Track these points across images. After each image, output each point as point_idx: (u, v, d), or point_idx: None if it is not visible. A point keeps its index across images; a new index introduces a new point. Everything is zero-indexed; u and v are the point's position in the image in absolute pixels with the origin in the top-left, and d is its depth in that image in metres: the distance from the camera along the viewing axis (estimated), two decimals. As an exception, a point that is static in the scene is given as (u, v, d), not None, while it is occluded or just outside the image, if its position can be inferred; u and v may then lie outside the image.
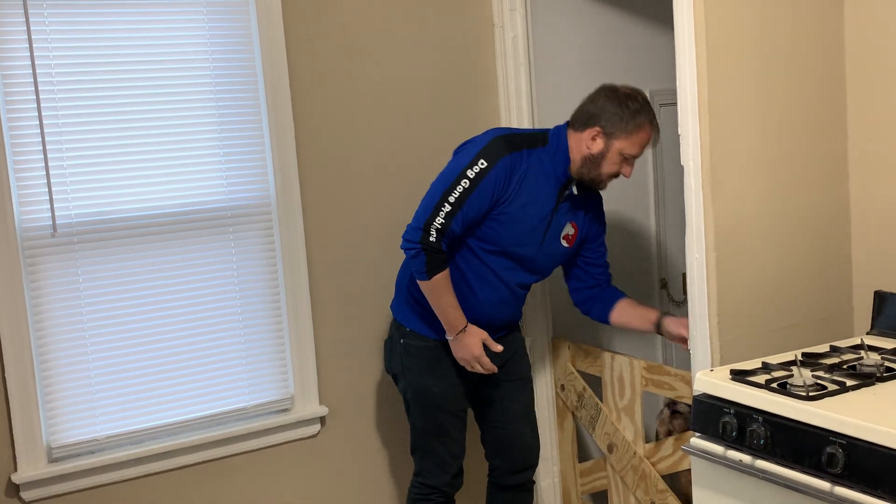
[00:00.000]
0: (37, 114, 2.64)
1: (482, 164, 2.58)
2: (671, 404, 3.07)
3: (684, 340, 2.60)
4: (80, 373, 2.75)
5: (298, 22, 2.98)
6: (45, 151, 2.65)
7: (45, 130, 2.65)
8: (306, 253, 3.02)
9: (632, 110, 2.62)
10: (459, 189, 2.57)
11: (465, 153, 2.64)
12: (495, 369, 2.73)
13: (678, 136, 2.43)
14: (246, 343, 2.98)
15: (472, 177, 2.58)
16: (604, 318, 2.91)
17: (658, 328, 2.76)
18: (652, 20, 3.68)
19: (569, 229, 2.78)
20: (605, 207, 3.62)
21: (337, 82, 3.07)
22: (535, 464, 2.99)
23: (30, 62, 2.62)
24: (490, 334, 2.73)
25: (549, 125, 3.42)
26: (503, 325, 2.83)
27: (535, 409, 3.33)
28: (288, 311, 3.01)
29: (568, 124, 2.74)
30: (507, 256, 2.71)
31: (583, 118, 2.68)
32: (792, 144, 2.53)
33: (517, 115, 3.26)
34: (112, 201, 2.76)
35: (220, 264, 2.93)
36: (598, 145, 2.63)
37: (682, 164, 2.42)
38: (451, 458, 2.83)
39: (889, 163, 2.53)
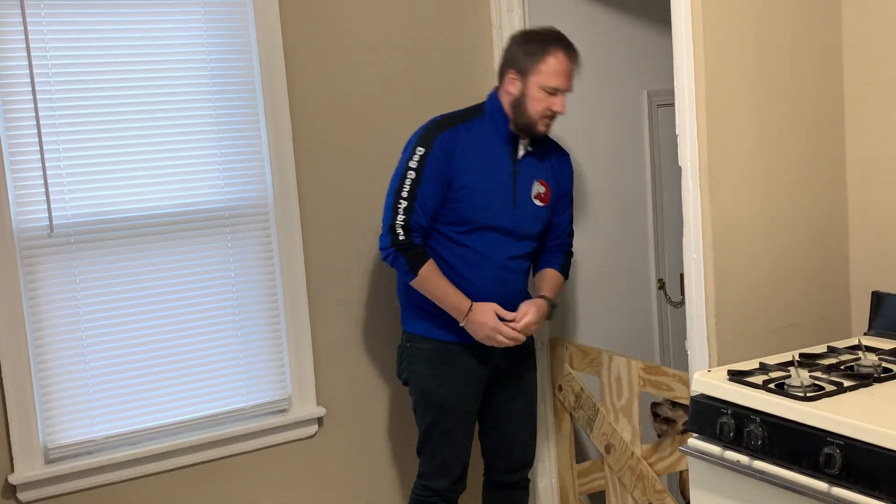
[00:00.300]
0: (34, 114, 2.63)
1: (420, 151, 2.65)
2: (652, 406, 3.05)
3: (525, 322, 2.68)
4: (77, 373, 2.75)
5: (296, 22, 2.98)
6: (41, 151, 2.65)
7: (42, 130, 2.65)
8: (304, 253, 3.02)
9: (538, 42, 2.65)
10: (408, 183, 2.64)
11: (407, 149, 2.71)
12: (522, 338, 2.70)
13: (676, 136, 2.43)
14: (243, 343, 2.98)
15: (415, 167, 2.64)
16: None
17: None
18: (650, 21, 3.68)
19: (538, 188, 2.78)
20: (601, 205, 3.63)
21: (335, 82, 3.06)
22: (531, 462, 3.00)
23: (27, 62, 2.61)
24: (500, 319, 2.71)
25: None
26: (512, 307, 2.77)
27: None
28: (285, 312, 3.01)
29: (497, 87, 2.77)
30: (485, 230, 2.70)
31: (500, 69, 2.74)
32: (790, 145, 2.53)
33: (515, 115, 3.25)
34: (109, 201, 2.76)
35: (217, 265, 2.93)
36: (517, 86, 2.66)
37: (679, 164, 2.43)
38: (453, 462, 2.82)
39: (887, 164, 2.53)
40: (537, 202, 2.78)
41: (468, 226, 2.69)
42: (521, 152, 2.75)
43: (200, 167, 2.89)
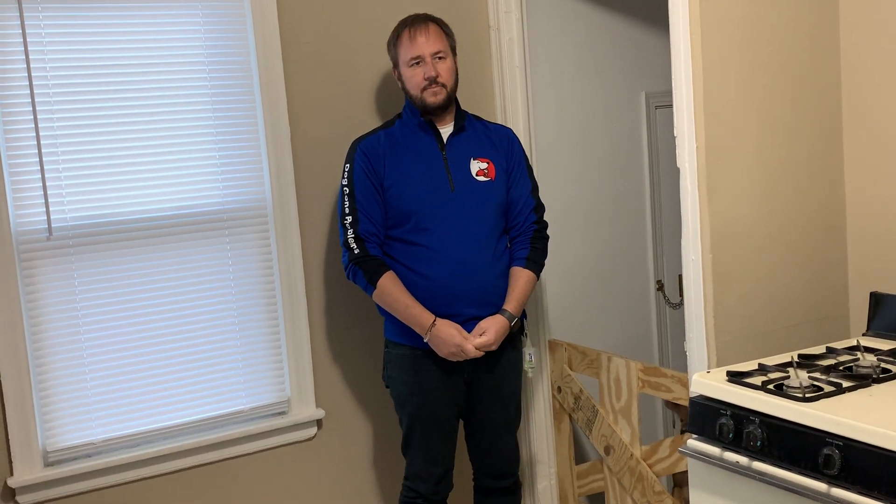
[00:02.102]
0: (32, 116, 2.63)
1: (347, 167, 2.77)
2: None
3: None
4: (76, 376, 2.74)
5: (294, 24, 2.98)
6: (40, 154, 2.65)
7: (41, 133, 2.64)
8: (302, 256, 3.02)
9: (392, 34, 2.81)
10: (347, 200, 2.72)
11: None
12: (480, 353, 2.67)
13: (674, 137, 2.43)
14: (242, 346, 2.98)
15: (346, 183, 2.74)
16: None
17: None
18: (647, 22, 3.69)
19: (479, 165, 2.78)
20: (599, 207, 3.64)
21: (333, 85, 3.07)
22: (515, 471, 2.95)
23: (25, 65, 2.61)
24: (475, 315, 2.69)
25: (544, 127, 3.45)
26: (483, 299, 2.72)
27: (532, 412, 3.34)
28: (284, 314, 3.01)
29: None
30: (425, 218, 2.69)
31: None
32: (787, 146, 2.53)
33: (512, 116, 3.26)
34: (107, 204, 2.76)
35: (216, 267, 2.93)
36: (398, 76, 2.81)
37: (677, 165, 2.43)
38: (432, 467, 2.81)
39: (884, 164, 2.54)
40: (481, 178, 2.77)
41: (414, 221, 2.69)
42: (445, 136, 2.78)
43: (199, 170, 2.88)
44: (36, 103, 2.63)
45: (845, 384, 1.95)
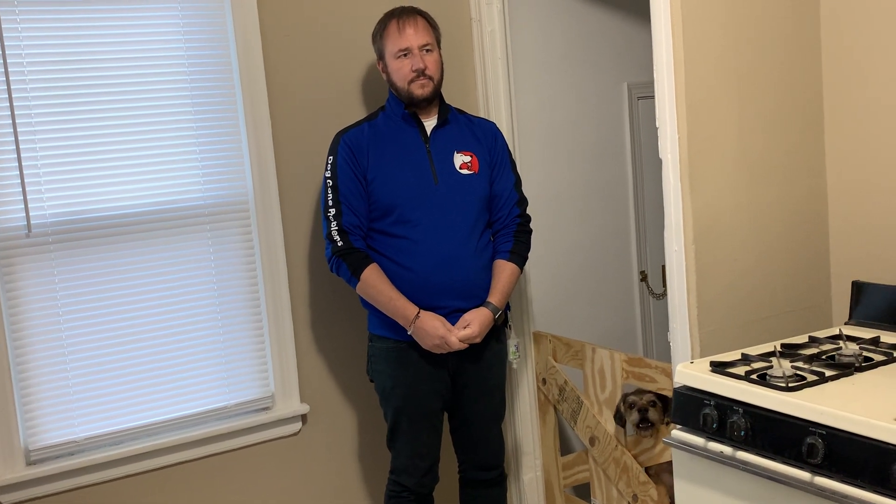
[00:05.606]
0: (9, 112, 2.60)
1: (330, 159, 2.75)
2: (639, 411, 2.98)
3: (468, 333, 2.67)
4: (57, 374, 2.72)
5: (274, 17, 2.96)
6: (18, 150, 2.62)
7: (19, 129, 2.62)
8: (285, 250, 3.01)
9: (378, 25, 2.80)
10: (330, 192, 2.71)
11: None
12: (464, 346, 2.67)
13: (656, 129, 2.43)
14: (225, 342, 2.96)
15: (330, 174, 2.73)
16: None
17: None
18: (629, 13, 3.69)
19: (462, 158, 2.78)
20: (582, 198, 3.64)
21: (313, 78, 3.05)
22: (500, 463, 2.96)
23: (1, 60, 2.58)
24: (459, 307, 2.69)
25: (527, 119, 3.45)
26: (467, 292, 2.72)
27: (517, 404, 3.35)
28: (267, 309, 2.99)
29: None
30: (409, 210, 2.68)
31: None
32: (769, 137, 2.54)
33: (495, 108, 3.25)
34: (87, 200, 2.73)
35: (198, 263, 2.91)
36: (384, 70, 2.80)
37: (660, 156, 2.43)
38: (417, 460, 2.81)
39: (866, 153, 2.55)
40: (464, 171, 2.77)
41: (397, 213, 2.69)
42: (429, 129, 2.78)
43: (180, 164, 2.86)
44: (13, 99, 2.60)
45: (828, 373, 1.96)
